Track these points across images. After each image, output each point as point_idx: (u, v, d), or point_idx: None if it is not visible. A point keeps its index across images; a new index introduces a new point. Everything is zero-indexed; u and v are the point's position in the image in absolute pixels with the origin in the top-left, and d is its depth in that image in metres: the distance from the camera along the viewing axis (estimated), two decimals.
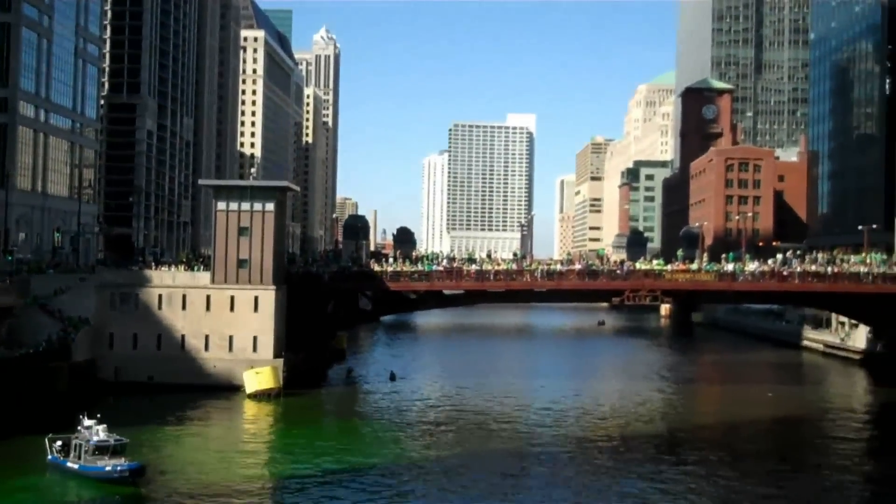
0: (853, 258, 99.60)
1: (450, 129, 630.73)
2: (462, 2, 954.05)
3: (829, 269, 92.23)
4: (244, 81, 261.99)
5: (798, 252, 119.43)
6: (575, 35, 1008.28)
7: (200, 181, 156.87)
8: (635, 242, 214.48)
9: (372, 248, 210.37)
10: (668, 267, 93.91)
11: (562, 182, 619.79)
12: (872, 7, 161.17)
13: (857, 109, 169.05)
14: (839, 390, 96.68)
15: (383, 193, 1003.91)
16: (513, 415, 74.91)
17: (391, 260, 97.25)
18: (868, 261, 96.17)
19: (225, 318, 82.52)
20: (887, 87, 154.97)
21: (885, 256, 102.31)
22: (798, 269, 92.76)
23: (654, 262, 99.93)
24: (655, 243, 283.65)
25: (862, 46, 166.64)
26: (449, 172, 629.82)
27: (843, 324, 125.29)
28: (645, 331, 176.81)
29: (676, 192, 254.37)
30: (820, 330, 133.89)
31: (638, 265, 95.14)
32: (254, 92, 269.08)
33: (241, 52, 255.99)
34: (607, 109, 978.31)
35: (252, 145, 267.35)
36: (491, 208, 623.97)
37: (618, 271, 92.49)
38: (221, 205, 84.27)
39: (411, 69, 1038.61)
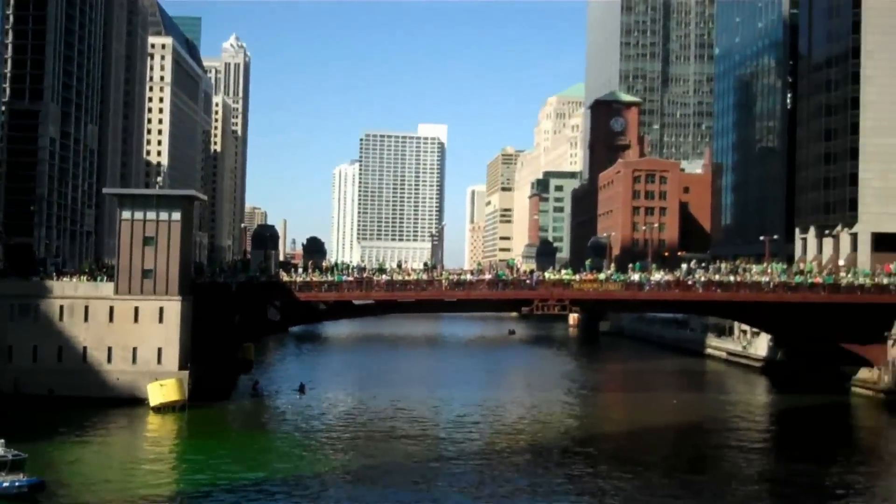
0: (755, 268, 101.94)
1: (361, 139, 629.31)
2: (374, 12, 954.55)
3: (732, 278, 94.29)
4: (151, 89, 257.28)
5: (702, 262, 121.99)
6: (487, 47, 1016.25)
7: (105, 189, 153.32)
8: (545, 252, 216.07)
9: (281, 258, 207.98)
10: (577, 277, 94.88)
11: (473, 192, 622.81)
12: (775, 24, 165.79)
13: (759, 123, 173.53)
14: (741, 397, 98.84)
15: (293, 203, 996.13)
16: (422, 425, 74.80)
17: (301, 270, 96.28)
18: (769, 270, 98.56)
19: (129, 330, 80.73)
20: (788, 101, 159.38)
21: (785, 266, 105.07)
22: (702, 278, 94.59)
23: (563, 271, 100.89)
24: (564, 253, 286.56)
25: (764, 62, 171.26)
26: (360, 182, 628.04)
27: (745, 332, 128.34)
28: (553, 340, 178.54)
29: (585, 203, 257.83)
30: (723, 338, 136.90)
31: (547, 275, 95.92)
32: (161, 99, 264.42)
33: (149, 58, 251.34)
34: (518, 121, 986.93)
35: (158, 153, 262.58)
36: (402, 218, 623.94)
37: (527, 281, 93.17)
38: (126, 214, 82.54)
39: (322, 78, 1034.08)
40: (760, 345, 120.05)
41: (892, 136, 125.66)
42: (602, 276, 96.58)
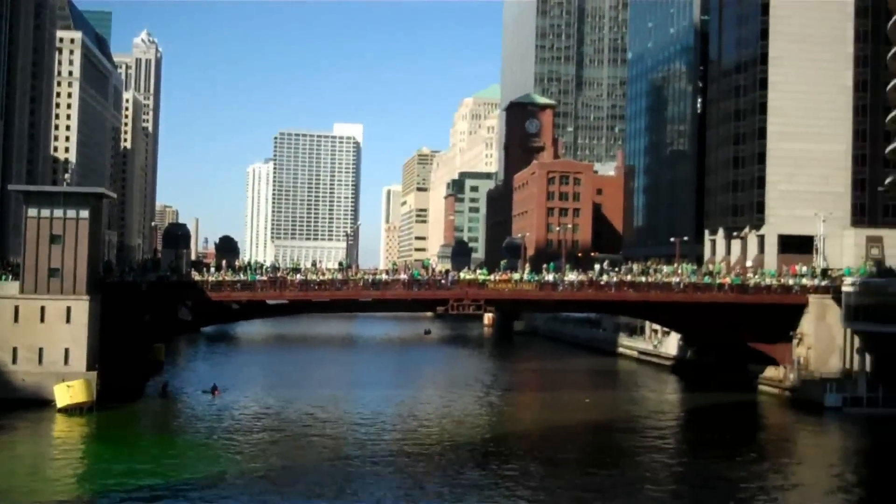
0: (665, 269, 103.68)
1: (275, 138, 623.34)
2: (288, 10, 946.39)
3: (643, 279, 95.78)
4: (59, 84, 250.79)
5: (615, 263, 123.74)
6: (403, 47, 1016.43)
7: (10, 186, 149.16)
8: (460, 252, 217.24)
9: (193, 257, 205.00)
10: (492, 277, 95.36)
11: (388, 192, 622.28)
12: (686, 30, 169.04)
13: (670, 126, 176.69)
14: (652, 395, 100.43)
15: (206, 201, 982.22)
16: (337, 426, 74.33)
17: (213, 269, 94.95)
18: (679, 271, 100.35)
19: (35, 330, 78.57)
20: (699, 105, 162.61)
21: (694, 267, 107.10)
22: (614, 279, 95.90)
23: (478, 271, 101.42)
24: (480, 253, 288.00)
25: (676, 66, 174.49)
26: (274, 181, 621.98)
27: (655, 331, 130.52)
28: (468, 339, 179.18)
29: (500, 204, 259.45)
30: (634, 337, 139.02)
31: (462, 275, 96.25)
32: (69, 95, 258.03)
33: (57, 53, 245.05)
34: (434, 121, 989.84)
35: (66, 150, 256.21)
36: (316, 217, 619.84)
37: (442, 281, 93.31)
38: (32, 211, 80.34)
39: (237, 76, 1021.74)
40: (671, 344, 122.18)
41: (798, 140, 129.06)
42: (516, 276, 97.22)
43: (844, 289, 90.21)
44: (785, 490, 55.34)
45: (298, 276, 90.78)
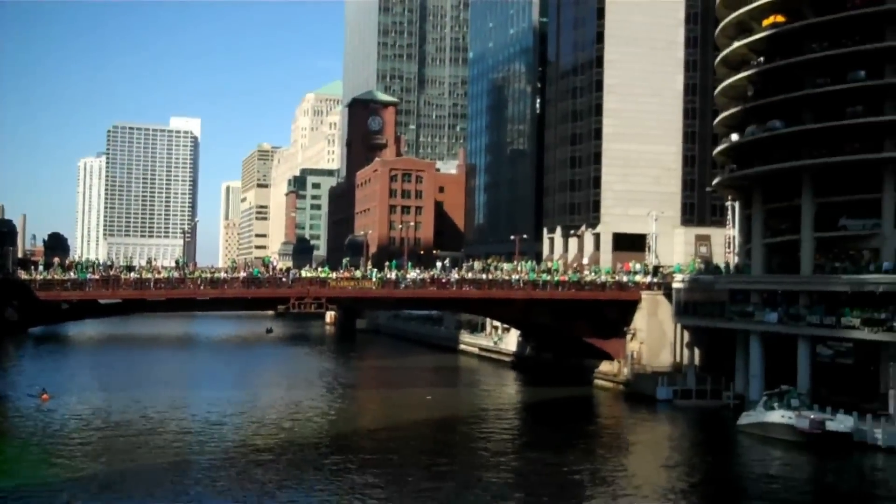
0: (505, 266, 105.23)
1: (108, 131, 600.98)
2: (122, 1, 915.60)
3: (484, 276, 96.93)
4: None
5: (456, 260, 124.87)
6: (243, 39, 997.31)
7: None
8: (301, 250, 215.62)
9: (20, 255, 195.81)
10: (334, 274, 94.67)
11: (227, 188, 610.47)
12: (525, 31, 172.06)
13: (510, 126, 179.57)
14: (492, 391, 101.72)
15: (33, 197, 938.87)
16: (174, 427, 72.15)
17: (41, 267, 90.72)
18: (519, 268, 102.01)
19: None
20: (537, 106, 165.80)
21: (534, 264, 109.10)
22: (455, 276, 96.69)
23: (320, 269, 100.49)
24: (322, 251, 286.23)
25: (515, 67, 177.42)
26: (107, 176, 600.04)
27: (496, 328, 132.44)
28: (310, 338, 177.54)
29: (343, 201, 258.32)
30: (475, 334, 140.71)
31: (304, 273, 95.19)
32: None
33: None
34: (275, 116, 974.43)
35: None
36: (152, 214, 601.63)
37: (283, 279, 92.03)
38: None
39: (67, 68, 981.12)
40: (511, 340, 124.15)
41: (632, 142, 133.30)
42: (358, 273, 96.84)
43: (675, 285, 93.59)
44: (618, 478, 56.86)
45: (133, 274, 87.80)
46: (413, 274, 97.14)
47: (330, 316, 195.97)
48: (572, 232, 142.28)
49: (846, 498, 54.97)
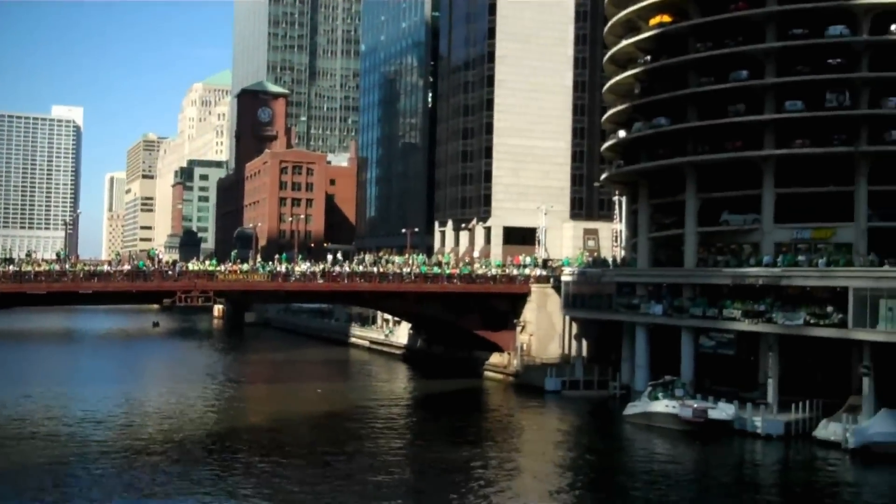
0: (397, 259, 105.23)
1: None
2: None
3: (375, 269, 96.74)
4: None
5: (347, 253, 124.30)
6: (129, 27, 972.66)
7: None
8: (188, 243, 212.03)
9: None
10: (222, 268, 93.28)
11: (111, 179, 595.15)
12: (417, 25, 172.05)
13: (402, 119, 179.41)
14: (383, 384, 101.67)
15: None
16: (56, 425, 69.98)
17: None
18: (410, 262, 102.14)
19: None
20: (429, 100, 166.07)
21: (425, 258, 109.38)
22: (346, 269, 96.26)
23: (208, 262, 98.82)
24: (209, 244, 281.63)
25: (408, 60, 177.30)
26: None
27: (387, 321, 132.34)
28: (198, 332, 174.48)
29: (231, 193, 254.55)
30: (366, 327, 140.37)
31: (190, 266, 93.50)
32: None
33: None
34: (161, 107, 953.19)
35: None
36: (32, 205, 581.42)
37: (169, 272, 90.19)
38: None
39: None
40: (402, 333, 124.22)
41: (523, 136, 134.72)
42: (247, 266, 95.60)
43: (563, 278, 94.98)
44: (506, 469, 57.43)
45: (11, 266, 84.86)
46: (303, 267, 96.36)
47: (218, 310, 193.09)
48: (463, 225, 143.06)
49: (727, 483, 56.64)
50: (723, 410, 67.30)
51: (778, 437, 65.43)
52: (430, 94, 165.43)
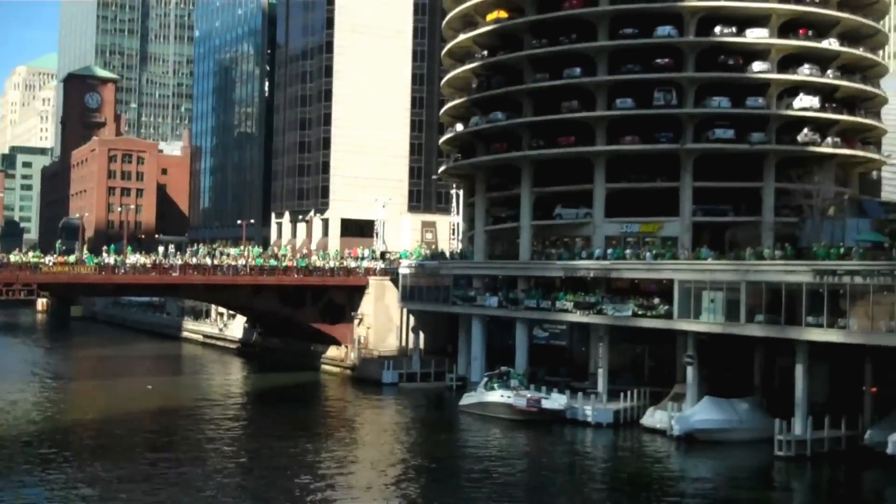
0: (232, 251, 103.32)
1: None
2: None
3: (209, 261, 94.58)
4: None
5: (180, 245, 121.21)
6: None
7: None
8: (10, 233, 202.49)
9: None
10: (46, 259, 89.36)
11: None
12: (254, 12, 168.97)
13: (238, 108, 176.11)
14: (218, 379, 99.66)
15: None
16: None
17: None
18: (245, 254, 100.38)
19: None
20: (266, 89, 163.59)
21: (261, 250, 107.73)
22: (179, 261, 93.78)
23: (31, 253, 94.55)
24: (33, 234, 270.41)
25: (244, 48, 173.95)
26: None
27: (221, 315, 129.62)
28: (20, 326, 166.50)
29: (57, 182, 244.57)
30: (200, 321, 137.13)
31: (12, 257, 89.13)
32: None
33: None
34: None
35: None
36: None
37: None
38: None
39: None
40: (236, 327, 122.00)
41: (361, 128, 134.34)
42: (73, 258, 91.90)
43: (401, 271, 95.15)
44: (343, 461, 57.20)
45: None
46: (133, 259, 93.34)
47: (42, 303, 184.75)
48: (301, 217, 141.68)
49: (559, 470, 58.00)
50: (555, 400, 68.89)
51: (608, 426, 67.38)
52: (267, 83, 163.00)
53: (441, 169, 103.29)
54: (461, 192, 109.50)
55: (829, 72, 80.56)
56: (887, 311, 53.57)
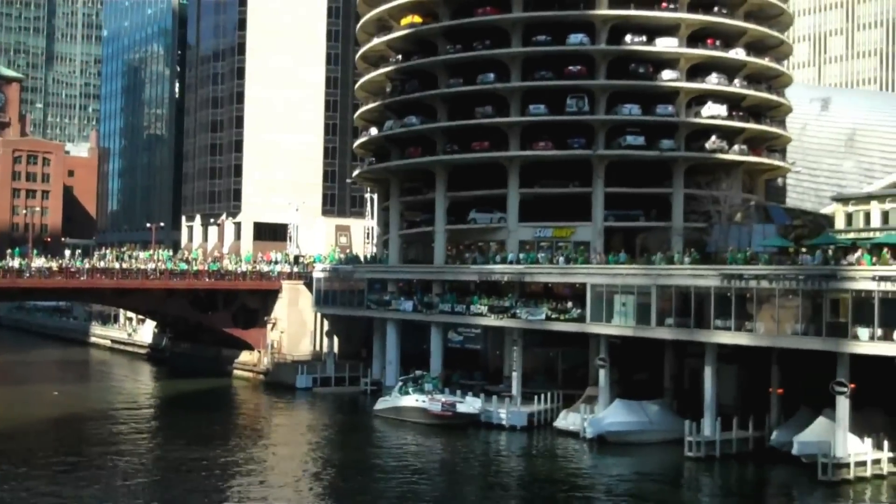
0: (141, 255, 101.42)
1: None
2: None
3: (118, 265, 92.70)
4: None
5: (88, 248, 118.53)
6: None
7: None
8: None
9: None
10: None
11: None
12: (164, 12, 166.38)
13: (147, 110, 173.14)
14: (126, 384, 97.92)
15: None
16: None
17: None
18: (155, 258, 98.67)
19: None
20: (177, 90, 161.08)
21: (171, 253, 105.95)
22: (86, 265, 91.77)
23: None
24: None
25: (154, 48, 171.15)
26: None
27: (130, 319, 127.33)
28: None
29: None
30: (108, 326, 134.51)
31: None
32: None
33: None
34: None
35: None
36: None
37: None
38: None
39: None
40: (146, 332, 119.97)
41: (274, 131, 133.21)
42: None
43: (315, 275, 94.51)
44: (256, 467, 56.70)
45: None
46: (39, 262, 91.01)
47: None
48: (212, 221, 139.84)
49: (473, 474, 58.19)
50: (470, 404, 69.11)
51: (522, 429, 67.89)
52: (178, 85, 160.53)
53: (355, 173, 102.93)
54: (376, 196, 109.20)
55: (736, 81, 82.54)
56: (792, 314, 55.04)
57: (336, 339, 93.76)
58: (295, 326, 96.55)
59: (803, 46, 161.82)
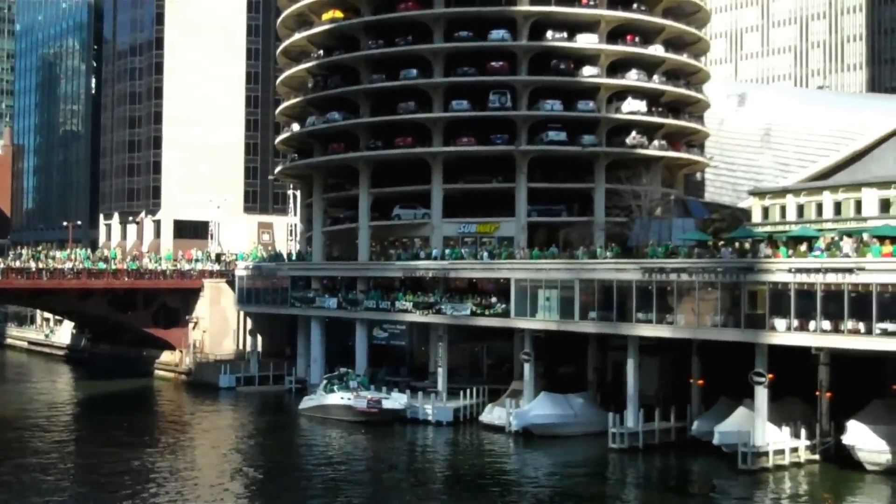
0: (58, 254, 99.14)
1: None
2: None
3: (33, 265, 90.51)
4: None
5: (2, 248, 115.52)
6: None
7: None
8: None
9: None
10: None
11: None
12: (79, 5, 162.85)
13: (63, 106, 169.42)
14: (43, 387, 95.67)
15: None
16: None
17: None
18: (72, 257, 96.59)
19: None
20: (93, 86, 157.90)
21: (89, 252, 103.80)
22: (1, 265, 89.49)
23: None
24: None
25: (69, 43, 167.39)
26: None
27: (47, 320, 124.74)
28: None
29: None
30: (24, 327, 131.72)
31: None
32: None
33: None
34: None
35: None
36: None
37: None
38: None
39: None
40: (64, 332, 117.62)
41: (193, 127, 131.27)
42: None
43: (238, 273, 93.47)
44: (178, 469, 55.76)
45: None
46: None
47: None
48: (131, 219, 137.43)
49: (397, 468, 58.09)
50: (396, 400, 69.04)
51: (448, 424, 67.91)
52: (94, 80, 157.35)
53: (278, 169, 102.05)
54: (299, 193, 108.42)
55: (655, 77, 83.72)
56: (712, 306, 55.95)
57: (260, 338, 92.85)
58: (217, 325, 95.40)
59: (720, 43, 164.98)
